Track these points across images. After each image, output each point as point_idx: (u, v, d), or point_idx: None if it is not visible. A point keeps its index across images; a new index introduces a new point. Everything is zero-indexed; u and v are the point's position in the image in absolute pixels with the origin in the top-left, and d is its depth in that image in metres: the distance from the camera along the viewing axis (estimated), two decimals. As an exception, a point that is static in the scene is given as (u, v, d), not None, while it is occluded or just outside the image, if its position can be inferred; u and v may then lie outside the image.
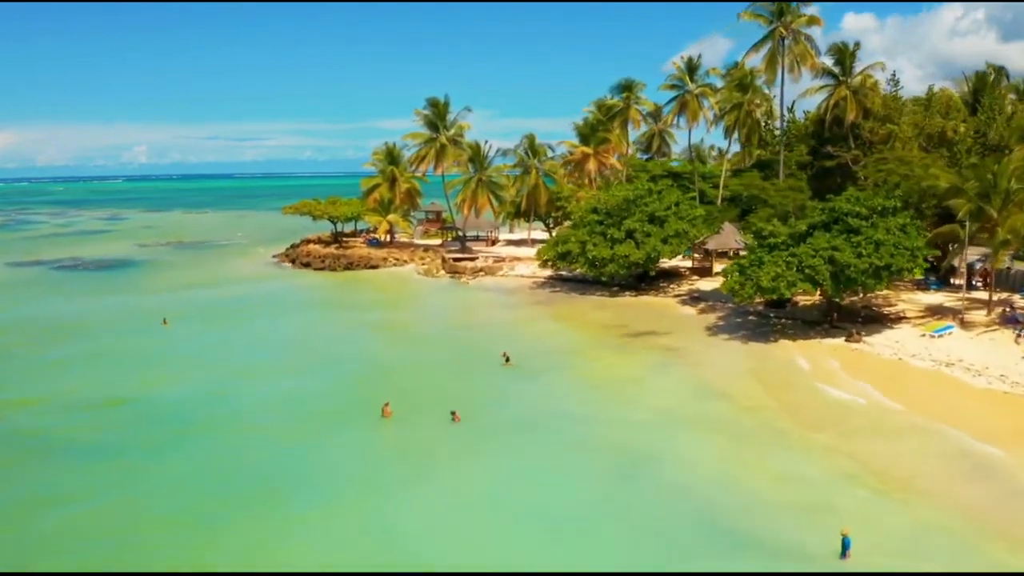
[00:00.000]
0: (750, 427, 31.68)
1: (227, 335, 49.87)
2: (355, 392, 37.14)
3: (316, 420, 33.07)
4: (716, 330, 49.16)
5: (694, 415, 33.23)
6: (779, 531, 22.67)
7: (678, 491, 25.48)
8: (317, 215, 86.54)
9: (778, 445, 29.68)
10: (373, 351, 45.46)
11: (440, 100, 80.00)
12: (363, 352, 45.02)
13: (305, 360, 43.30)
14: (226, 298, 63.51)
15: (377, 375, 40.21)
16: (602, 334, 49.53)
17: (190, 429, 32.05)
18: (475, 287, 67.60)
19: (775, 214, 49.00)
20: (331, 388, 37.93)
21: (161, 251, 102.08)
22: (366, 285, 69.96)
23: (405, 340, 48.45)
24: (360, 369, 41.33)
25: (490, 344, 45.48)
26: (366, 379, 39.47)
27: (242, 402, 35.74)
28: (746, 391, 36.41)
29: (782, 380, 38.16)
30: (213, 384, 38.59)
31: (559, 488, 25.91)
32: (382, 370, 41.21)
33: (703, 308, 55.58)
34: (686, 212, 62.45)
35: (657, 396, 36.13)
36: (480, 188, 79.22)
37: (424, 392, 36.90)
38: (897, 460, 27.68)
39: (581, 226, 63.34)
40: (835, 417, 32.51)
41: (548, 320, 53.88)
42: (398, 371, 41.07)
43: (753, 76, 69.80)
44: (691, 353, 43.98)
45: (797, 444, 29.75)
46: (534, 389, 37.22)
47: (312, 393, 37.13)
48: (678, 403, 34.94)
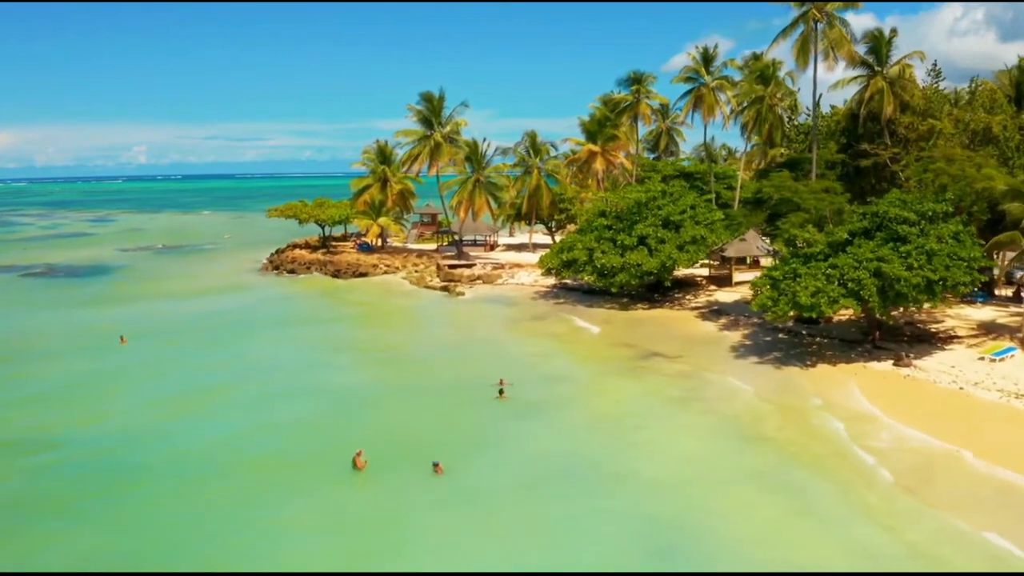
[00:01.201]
0: (804, 486, 25.73)
1: (189, 357, 44.04)
2: (324, 432, 31.30)
3: (273, 472, 27.24)
4: (742, 351, 43.32)
5: (731, 469, 27.27)
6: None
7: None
8: (303, 218, 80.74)
9: (848, 515, 23.62)
10: (350, 378, 39.55)
11: (435, 95, 74.26)
12: (339, 379, 39.13)
13: (272, 389, 37.47)
14: (197, 312, 57.70)
15: (352, 409, 34.36)
16: (611, 355, 43.73)
17: (108, 486, 26.20)
18: (471, 298, 61.72)
19: (810, 219, 43.15)
20: (297, 426, 32.10)
21: (141, 256, 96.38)
22: (352, 296, 64.01)
23: (389, 364, 42.53)
24: (334, 401, 35.43)
25: (484, 369, 39.76)
26: (339, 414, 33.63)
27: (186, 446, 29.89)
28: (790, 434, 30.49)
29: (831, 417, 32.27)
30: (158, 421, 32.80)
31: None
32: (359, 402, 35.33)
33: (725, 324, 49.72)
34: (703, 216, 56.67)
35: (681, 440, 30.23)
36: (477, 189, 73.29)
37: (405, 433, 31.09)
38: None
39: (588, 231, 57.61)
40: (914, 472, 26.52)
41: (550, 338, 48.01)
42: (377, 404, 35.23)
43: (775, 68, 63.94)
44: (716, 381, 38.13)
45: (876, 513, 23.69)
46: (532, 430, 31.34)
47: (274, 433, 31.34)
48: (708, 451, 29.03)
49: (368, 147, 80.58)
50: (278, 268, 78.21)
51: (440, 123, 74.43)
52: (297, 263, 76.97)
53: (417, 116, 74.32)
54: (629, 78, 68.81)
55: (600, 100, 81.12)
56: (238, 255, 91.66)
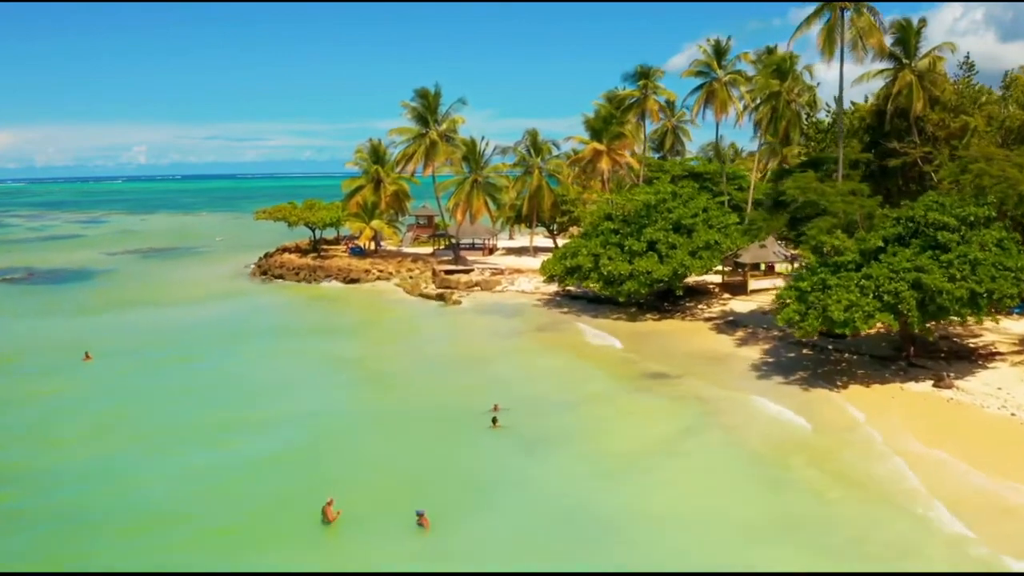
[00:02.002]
0: (855, 545, 21.79)
1: (155, 376, 40.12)
2: (293, 471, 27.39)
3: (226, 524, 23.35)
4: (764, 369, 39.37)
5: (764, 521, 23.27)
6: None
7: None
8: (292, 221, 76.69)
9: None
10: (329, 402, 35.55)
11: (430, 91, 70.05)
12: (317, 404, 35.15)
13: (241, 415, 33.52)
14: (173, 323, 53.82)
15: (328, 441, 30.39)
16: (619, 373, 39.83)
17: (33, 536, 22.36)
18: (467, 307, 57.74)
19: (838, 224, 39.18)
20: (263, 463, 28.18)
21: (126, 260, 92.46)
22: (341, 305, 60.00)
23: (373, 384, 38.53)
24: (309, 431, 31.48)
25: (478, 389, 35.93)
26: (313, 447, 29.69)
27: (133, 489, 25.97)
28: (830, 477, 26.45)
29: (873, 453, 28.32)
30: (104, 455, 28.92)
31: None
32: (336, 433, 31.37)
33: (742, 337, 45.77)
34: (717, 219, 52.77)
35: (703, 484, 26.24)
36: (475, 190, 69.26)
37: (386, 472, 27.21)
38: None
39: (593, 235, 53.67)
40: (981, 524, 22.59)
41: (552, 353, 44.05)
42: (357, 435, 31.30)
43: (792, 61, 59.97)
44: (738, 406, 34.18)
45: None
46: (531, 470, 27.37)
47: (235, 471, 27.42)
48: (736, 497, 25.02)
49: (361, 146, 76.62)
50: (266, 273, 74.24)
51: (436, 121, 70.38)
52: (286, 268, 73.01)
53: (412, 113, 70.27)
54: (636, 73, 64.90)
55: (604, 97, 77.05)
56: (227, 259, 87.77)
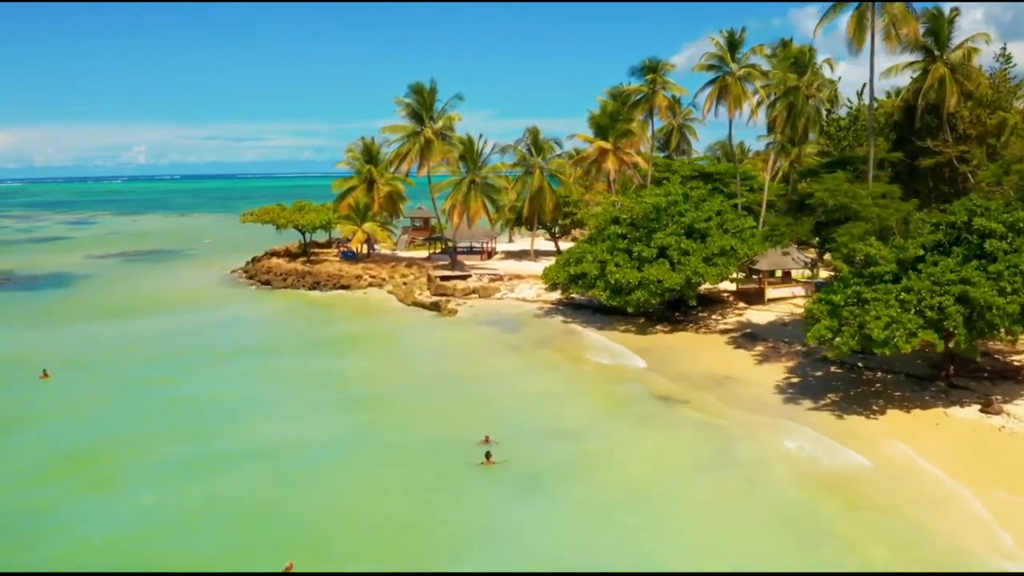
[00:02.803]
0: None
1: (116, 399, 36.26)
2: (254, 520, 23.60)
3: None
4: (789, 391, 35.51)
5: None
6: None
7: None
8: (280, 224, 72.85)
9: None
10: (304, 432, 31.59)
11: (425, 86, 66.24)
12: (290, 434, 31.28)
13: (204, 447, 29.70)
14: (147, 334, 49.98)
15: (297, 481, 26.54)
16: (626, 396, 35.98)
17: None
18: (464, 318, 53.87)
19: (871, 230, 35.42)
20: (221, 508, 24.39)
21: (109, 264, 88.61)
22: (328, 315, 56.04)
23: (354, 410, 34.41)
24: (277, 468, 27.62)
25: (470, 416, 32.34)
26: (279, 489, 25.84)
27: (63, 534, 22.22)
28: (879, 531, 22.69)
29: (935, 500, 24.50)
30: (45, 494, 25.21)
31: None
32: (307, 471, 27.45)
33: (762, 352, 41.92)
34: (732, 223, 48.89)
35: (721, 537, 22.35)
36: (473, 191, 65.38)
37: (357, 525, 23.38)
38: None
39: (599, 240, 49.87)
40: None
41: (553, 373, 40.16)
42: (330, 473, 27.33)
43: (811, 54, 56.15)
44: (760, 437, 30.36)
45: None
46: (524, 519, 23.50)
47: (187, 520, 23.62)
48: (757, 554, 21.21)
49: (352, 145, 72.84)
50: (252, 278, 70.42)
51: (432, 118, 66.52)
52: (273, 273, 69.15)
53: (406, 110, 66.41)
54: (643, 67, 60.94)
55: (608, 93, 73.36)
56: (214, 262, 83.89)
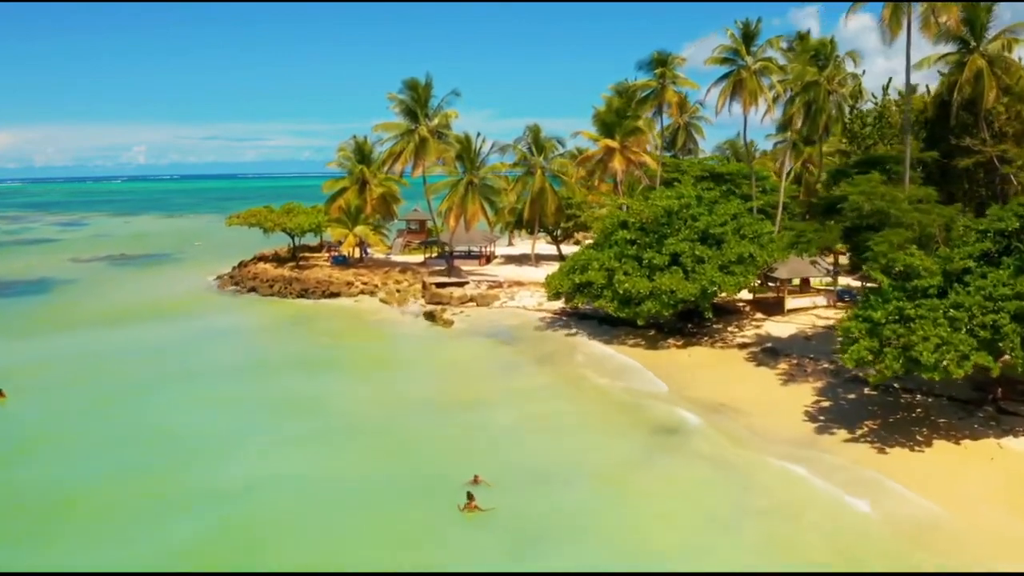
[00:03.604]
0: None
1: (75, 424, 32.68)
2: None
3: None
4: (819, 419, 31.82)
5: None
6: None
7: None
8: (268, 227, 69.21)
9: None
10: (272, 469, 27.72)
11: (420, 82, 62.54)
12: (256, 471, 27.49)
13: (159, 486, 26.08)
14: (119, 348, 46.39)
15: (257, 534, 22.89)
16: (635, 424, 32.30)
17: None
18: (460, 329, 50.19)
19: (912, 238, 31.79)
20: (167, 566, 20.78)
21: (92, 269, 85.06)
22: (314, 326, 52.22)
23: (328, 442, 30.26)
24: (237, 516, 23.98)
25: (459, 450, 28.97)
26: (235, 545, 22.22)
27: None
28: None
29: (1010, 553, 20.87)
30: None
31: None
32: (269, 520, 23.78)
33: (786, 371, 38.22)
34: (750, 228, 45.24)
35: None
36: (471, 193, 61.70)
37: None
38: None
39: (606, 246, 46.25)
40: None
41: (556, 395, 36.42)
42: (294, 524, 23.52)
43: (833, 47, 52.50)
44: (795, 474, 26.81)
45: None
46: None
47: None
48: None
49: (344, 144, 69.10)
50: (238, 285, 66.77)
51: (427, 115, 62.83)
52: (259, 280, 65.48)
53: (399, 107, 62.70)
54: (652, 60, 57.25)
55: (613, 89, 69.55)
56: (201, 267, 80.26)
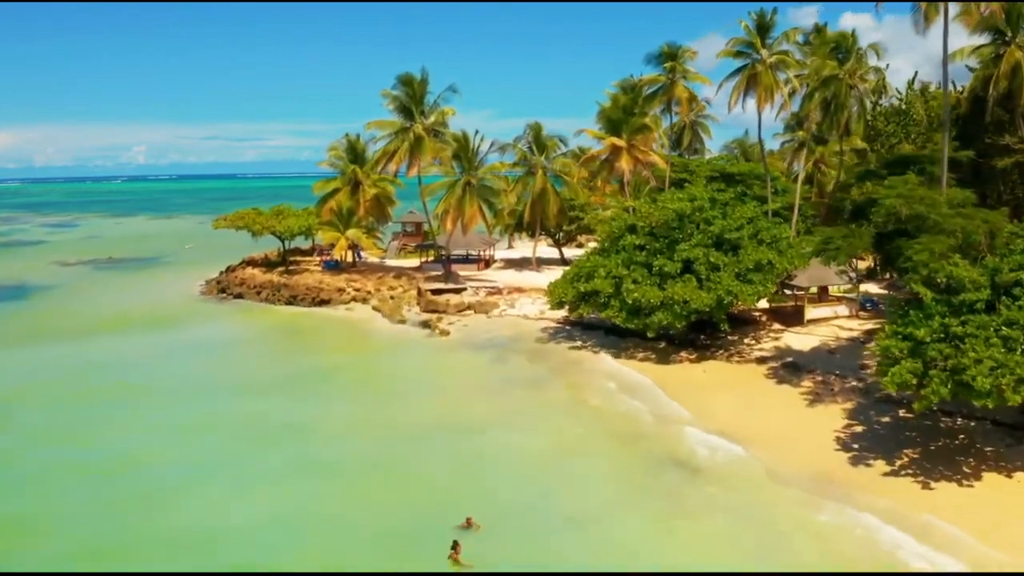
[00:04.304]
0: None
1: (17, 454, 29.47)
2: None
3: None
4: (853, 447, 28.60)
5: None
6: None
7: None
8: (256, 230, 66.03)
9: None
10: (236, 515, 24.32)
11: (415, 77, 59.35)
12: (215, 519, 24.06)
13: (103, 541, 22.91)
14: (83, 362, 43.33)
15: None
16: (651, 456, 28.97)
17: None
18: (457, 340, 46.99)
19: (955, 246, 28.65)
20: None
21: (76, 273, 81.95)
22: (301, 339, 48.85)
23: (307, 477, 26.78)
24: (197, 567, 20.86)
25: (450, 485, 26.02)
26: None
27: None
28: None
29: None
30: None
31: None
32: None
33: (811, 390, 34.99)
34: (768, 233, 42.08)
35: None
36: (468, 194, 58.49)
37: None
38: None
39: (613, 252, 43.09)
40: None
41: (556, 418, 33.08)
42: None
43: (854, 40, 49.22)
44: (822, 524, 23.57)
45: None
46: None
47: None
48: None
49: (336, 143, 65.91)
50: (224, 291, 63.56)
51: (422, 112, 59.65)
52: (246, 286, 62.26)
53: (393, 104, 59.49)
54: (661, 53, 54.07)
55: (618, 85, 66.21)
56: (189, 271, 77.08)
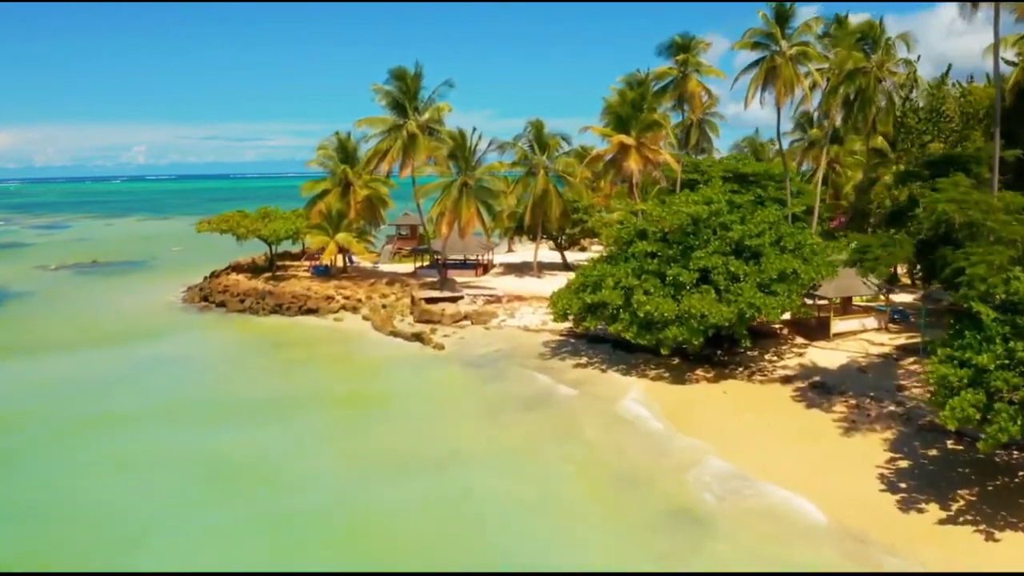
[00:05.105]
0: None
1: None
2: None
3: None
4: (900, 486, 24.88)
5: None
6: None
7: None
8: (241, 234, 62.32)
9: None
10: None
11: (409, 71, 55.64)
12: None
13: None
14: (35, 380, 39.65)
15: None
16: (651, 500, 25.26)
17: None
18: (451, 355, 43.25)
19: (1016, 256, 24.99)
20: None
21: (57, 278, 78.34)
22: (281, 354, 44.73)
23: (262, 530, 23.37)
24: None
25: (421, 539, 22.24)
26: None
27: None
28: None
29: None
30: None
31: None
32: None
33: (844, 415, 31.27)
34: (791, 239, 38.35)
35: None
36: (465, 196, 54.78)
37: None
38: None
39: (621, 259, 39.42)
40: None
41: (557, 452, 29.19)
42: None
43: (882, 30, 45.68)
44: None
45: None
46: None
47: None
48: None
49: (325, 142, 62.20)
50: (207, 299, 59.78)
51: (416, 109, 55.97)
52: (229, 293, 58.49)
53: (386, 99, 55.76)
54: (672, 44, 50.46)
55: (624, 80, 62.38)
56: (173, 276, 73.35)
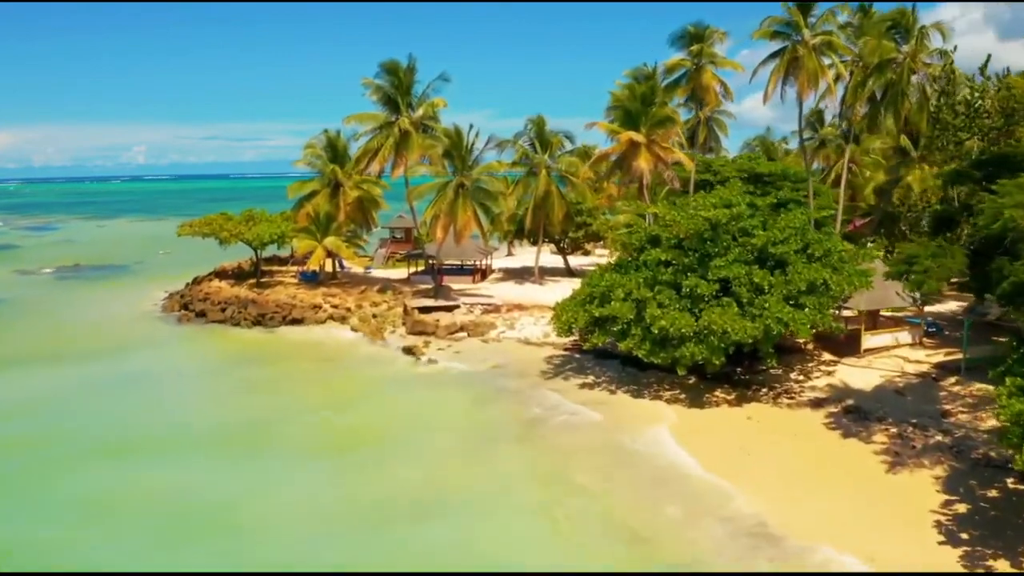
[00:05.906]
0: None
1: None
2: None
3: None
4: (960, 536, 21.28)
5: None
6: None
7: None
8: (224, 238, 58.69)
9: None
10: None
11: (401, 65, 52.05)
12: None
13: None
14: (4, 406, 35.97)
15: None
16: (685, 545, 21.73)
17: None
18: (444, 371, 39.55)
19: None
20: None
21: (33, 283, 74.66)
22: (259, 372, 40.70)
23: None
24: None
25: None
26: None
27: None
28: None
29: None
30: None
31: None
32: None
33: (885, 445, 27.69)
34: (819, 246, 34.59)
35: None
36: (461, 198, 51.08)
37: None
38: None
39: (632, 267, 35.79)
40: None
41: (562, 493, 25.72)
42: None
43: (915, 19, 41.97)
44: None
45: None
46: None
47: None
48: None
49: (313, 140, 58.53)
50: (187, 307, 56.07)
51: (409, 105, 52.30)
52: (210, 302, 54.75)
53: (377, 94, 52.14)
54: (686, 34, 46.74)
55: (631, 74, 58.60)
56: (156, 282, 69.89)
